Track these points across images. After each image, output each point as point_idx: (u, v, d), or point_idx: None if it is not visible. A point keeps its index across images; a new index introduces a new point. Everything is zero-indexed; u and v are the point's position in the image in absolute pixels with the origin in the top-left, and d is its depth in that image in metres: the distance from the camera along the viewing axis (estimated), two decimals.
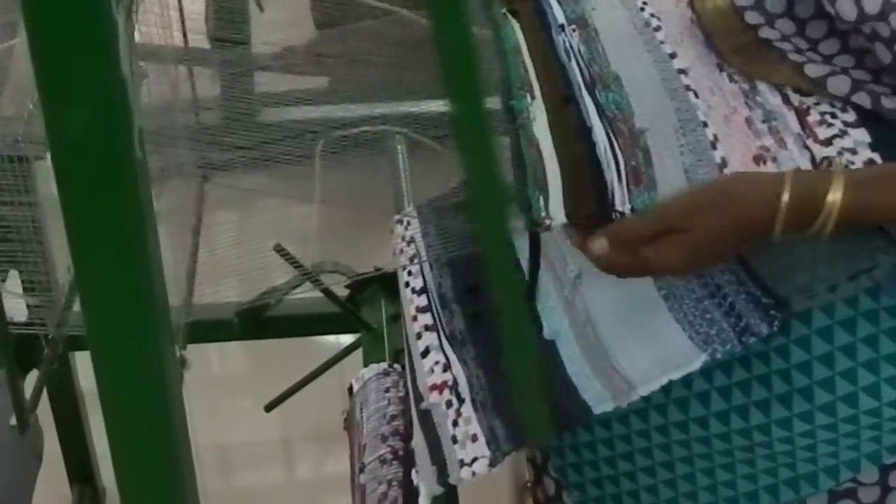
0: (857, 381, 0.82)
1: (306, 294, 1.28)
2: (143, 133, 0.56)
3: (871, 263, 0.80)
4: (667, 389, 0.84)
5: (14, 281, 1.25)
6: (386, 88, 1.11)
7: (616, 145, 0.82)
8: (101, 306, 0.56)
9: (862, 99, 0.83)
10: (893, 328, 0.81)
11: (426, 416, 0.90)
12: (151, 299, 0.57)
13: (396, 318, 1.29)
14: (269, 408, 1.32)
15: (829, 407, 0.83)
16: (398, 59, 1.09)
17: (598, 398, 0.82)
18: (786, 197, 0.75)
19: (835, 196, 0.75)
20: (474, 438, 0.85)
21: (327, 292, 1.25)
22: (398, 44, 1.10)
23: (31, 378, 1.29)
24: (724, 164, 0.82)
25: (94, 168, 0.51)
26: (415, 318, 0.98)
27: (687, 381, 0.84)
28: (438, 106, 1.07)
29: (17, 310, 1.24)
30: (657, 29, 0.94)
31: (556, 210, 0.80)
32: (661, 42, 0.92)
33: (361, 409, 1.13)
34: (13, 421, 1.10)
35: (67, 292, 0.99)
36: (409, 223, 1.08)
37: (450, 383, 0.90)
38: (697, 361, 0.80)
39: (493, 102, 0.93)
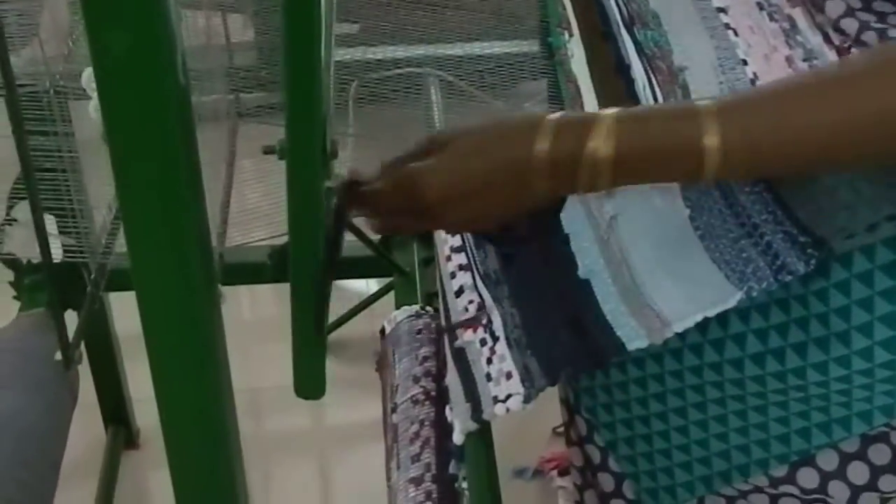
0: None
1: None
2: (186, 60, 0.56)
3: None
4: (703, 330, 0.84)
5: (48, 224, 1.27)
6: (417, 30, 1.10)
7: (654, 82, 0.82)
8: (145, 231, 0.56)
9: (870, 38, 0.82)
10: None
11: (460, 355, 0.90)
12: (195, 225, 0.57)
13: (428, 261, 1.29)
14: None
15: (866, 352, 0.82)
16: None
17: (632, 335, 0.82)
18: (545, 144, 0.69)
19: (596, 143, 0.69)
20: (508, 376, 0.86)
21: (361, 236, 1.25)
22: None
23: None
24: None
25: (139, 92, 0.52)
26: (449, 258, 0.98)
27: (723, 322, 0.84)
28: (472, 48, 1.06)
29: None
30: None
31: None
32: None
33: (393, 350, 1.13)
34: (58, 356, 1.11)
35: (109, 228, 0.99)
36: None
37: (484, 322, 0.91)
38: (733, 299, 0.80)
39: (530, 44, 0.93)
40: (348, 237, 1.27)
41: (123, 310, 1.49)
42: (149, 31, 0.50)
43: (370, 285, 1.61)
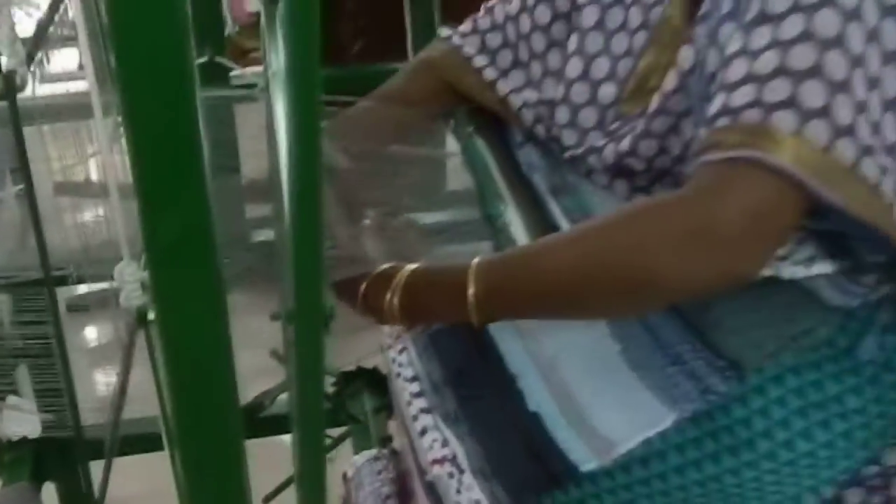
0: (790, 427, 0.94)
1: None
2: None
3: (799, 328, 0.93)
4: (648, 443, 0.94)
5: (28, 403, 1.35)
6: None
7: None
8: (182, 394, 0.66)
9: None
10: (814, 380, 0.95)
11: (431, 488, 1.00)
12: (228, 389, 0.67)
13: (378, 409, 1.40)
14: (266, 500, 1.42)
15: (771, 453, 0.94)
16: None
17: (585, 458, 0.93)
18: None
19: (392, 292, 0.93)
20: (478, 503, 0.96)
21: None
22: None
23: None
24: None
25: (188, 276, 0.61)
26: (409, 403, 1.08)
27: (663, 435, 0.95)
28: (418, 217, 1.16)
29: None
30: None
31: None
32: None
33: (357, 492, 1.23)
34: None
35: (115, 399, 1.07)
36: None
37: (449, 457, 0.99)
38: (669, 419, 0.92)
39: (471, 212, 1.06)
40: None
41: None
42: (198, 217, 0.54)
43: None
